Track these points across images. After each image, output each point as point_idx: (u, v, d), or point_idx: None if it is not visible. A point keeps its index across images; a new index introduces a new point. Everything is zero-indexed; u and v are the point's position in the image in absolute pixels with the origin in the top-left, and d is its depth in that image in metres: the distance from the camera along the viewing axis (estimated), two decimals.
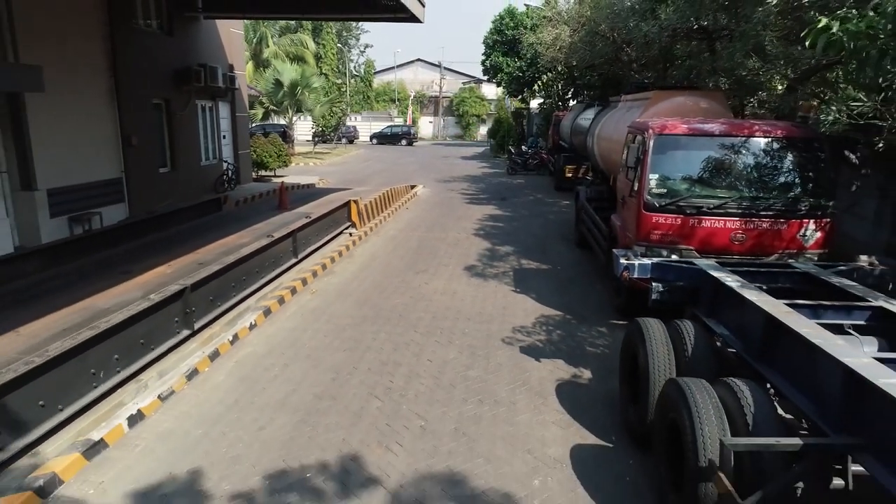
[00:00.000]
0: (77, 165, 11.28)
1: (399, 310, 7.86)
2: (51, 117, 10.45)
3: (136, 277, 8.32)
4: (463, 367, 6.11)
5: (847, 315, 4.11)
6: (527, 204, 17.50)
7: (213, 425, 4.97)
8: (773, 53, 7.22)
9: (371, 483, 4.21)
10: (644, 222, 6.61)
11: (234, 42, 17.85)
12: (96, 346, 5.26)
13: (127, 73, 12.53)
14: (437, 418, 5.09)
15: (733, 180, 6.58)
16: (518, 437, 4.81)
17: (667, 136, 6.68)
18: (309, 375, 5.90)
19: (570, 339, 6.96)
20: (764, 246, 6.39)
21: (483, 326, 7.29)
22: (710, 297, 4.91)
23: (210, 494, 4.08)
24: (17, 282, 8.00)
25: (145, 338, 5.96)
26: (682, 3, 9.34)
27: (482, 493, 4.11)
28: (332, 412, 5.18)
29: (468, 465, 4.42)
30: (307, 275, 9.21)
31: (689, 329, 4.51)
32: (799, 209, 6.39)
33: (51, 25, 10.47)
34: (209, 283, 7.17)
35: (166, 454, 4.54)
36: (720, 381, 3.70)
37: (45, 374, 4.70)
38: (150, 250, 10.12)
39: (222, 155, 17.31)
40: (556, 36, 17.90)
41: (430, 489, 4.14)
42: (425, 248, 11.41)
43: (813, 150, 6.50)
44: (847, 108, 5.67)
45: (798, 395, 3.45)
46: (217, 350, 6.37)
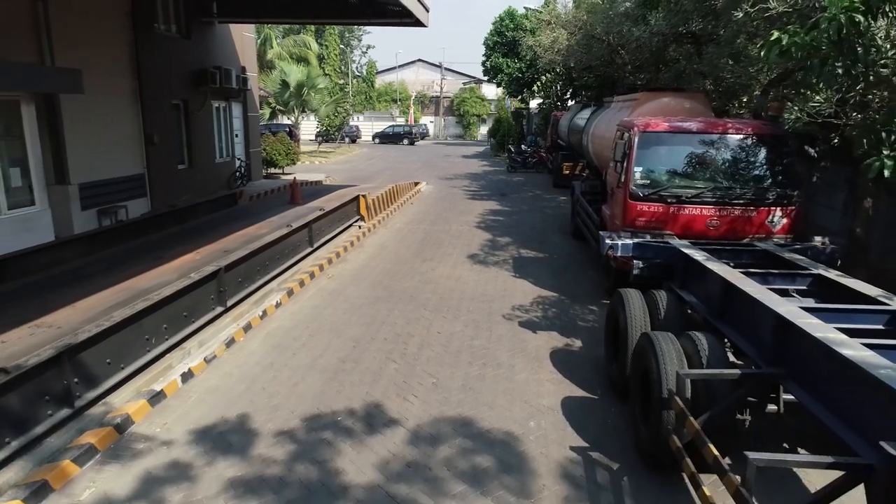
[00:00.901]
0: (104, 162, 12.05)
1: (409, 291, 8.64)
2: (81, 117, 11.23)
3: (168, 263, 9.10)
4: (468, 338, 6.90)
5: (792, 281, 4.90)
6: (526, 200, 18.29)
7: (253, 382, 5.75)
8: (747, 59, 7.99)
9: (393, 424, 5.00)
10: (630, 210, 7.39)
11: (246, 45, 18.64)
12: (149, 316, 6.04)
13: (149, 75, 13.32)
14: (446, 377, 5.88)
15: (709, 172, 7.36)
16: (516, 391, 5.60)
17: (650, 132, 7.47)
18: (332, 344, 6.69)
19: (564, 315, 7.75)
20: (736, 231, 7.17)
21: (485, 305, 8.07)
22: (682, 271, 5.70)
23: (258, 432, 4.86)
24: (62, 266, 8.79)
25: (187, 311, 6.74)
26: (669, 11, 10.12)
27: (487, 432, 4.89)
28: (356, 372, 5.97)
29: (475, 412, 5.20)
30: (322, 262, 10.00)
31: (662, 297, 5.30)
32: (767, 198, 7.17)
33: (82, 31, 11.25)
34: (238, 266, 7.96)
35: (216, 403, 5.33)
36: (684, 334, 4.48)
37: (111, 337, 5.48)
38: (176, 240, 10.90)
39: (235, 153, 18.10)
40: (554, 39, 18.67)
41: (443, 428, 4.93)
42: (430, 239, 12.20)
43: (779, 146, 7.29)
44: (807, 109, 6.46)
45: (743, 342, 4.24)
46: (249, 323, 7.16)
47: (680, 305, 5.31)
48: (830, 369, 3.22)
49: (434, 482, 4.22)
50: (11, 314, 6.71)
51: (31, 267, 8.40)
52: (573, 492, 4.15)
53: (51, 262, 8.70)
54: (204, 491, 4.11)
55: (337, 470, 4.35)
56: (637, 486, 4.22)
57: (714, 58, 8.67)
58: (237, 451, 4.58)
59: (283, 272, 9.28)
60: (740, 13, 6.90)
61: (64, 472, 4.21)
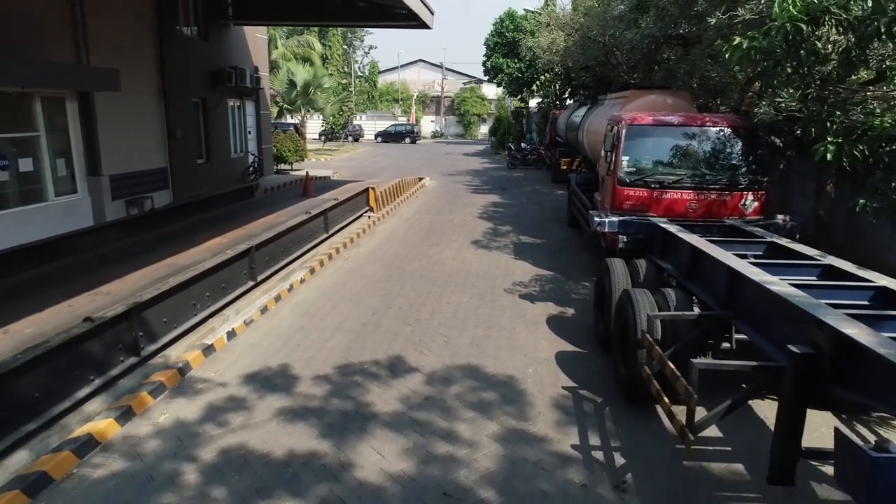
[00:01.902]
0: (132, 156, 12.91)
1: (419, 271, 9.52)
2: (112, 113, 12.08)
3: (199, 245, 9.98)
4: (474, 307, 7.78)
5: (750, 248, 5.77)
6: (525, 193, 19.17)
7: (288, 340, 6.63)
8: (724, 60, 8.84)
9: (411, 371, 5.87)
10: (618, 194, 8.26)
11: (258, 46, 19.52)
12: (196, 284, 6.92)
13: (172, 74, 14.19)
14: (456, 336, 6.76)
15: (689, 161, 8.23)
16: (517, 347, 6.48)
17: (636, 125, 8.34)
18: (354, 312, 7.56)
19: (559, 290, 8.63)
20: (713, 213, 8.03)
21: (489, 281, 8.95)
22: (660, 244, 6.57)
23: (298, 377, 5.73)
24: (105, 247, 9.69)
25: (225, 283, 7.62)
26: (657, 16, 10.99)
27: (492, 376, 5.77)
28: (377, 333, 6.85)
29: (481, 361, 6.08)
30: (338, 246, 10.87)
31: (642, 264, 6.18)
32: (740, 183, 8.04)
33: (113, 34, 12.12)
34: (266, 247, 8.83)
35: (259, 356, 6.20)
36: (658, 291, 5.36)
37: (166, 300, 6.36)
38: (202, 227, 11.78)
39: (248, 148, 18.98)
40: (553, 40, 19.51)
41: (454, 374, 5.81)
42: (436, 228, 13.07)
43: (751, 137, 8.16)
44: (773, 104, 7.33)
45: (705, 294, 5.11)
46: (279, 295, 8.04)
47: (657, 271, 6.18)
48: (762, 303, 4.09)
49: (448, 410, 5.10)
50: (73, 284, 7.60)
51: (79, 247, 9.29)
52: (564, 417, 5.02)
53: (95, 244, 9.60)
54: (258, 416, 4.98)
55: (367, 402, 5.23)
56: (616, 414, 5.10)
57: (696, 59, 9.54)
58: (282, 390, 5.46)
59: (303, 254, 10.16)
60: (713, 19, 7.78)
61: (142, 401, 5.09)
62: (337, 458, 4.39)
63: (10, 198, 9.42)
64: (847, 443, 2.22)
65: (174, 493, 3.98)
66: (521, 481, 4.14)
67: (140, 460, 4.36)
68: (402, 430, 4.77)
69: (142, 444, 4.57)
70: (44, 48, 10.17)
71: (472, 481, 4.12)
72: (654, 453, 4.51)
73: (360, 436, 4.69)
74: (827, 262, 4.85)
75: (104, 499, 3.93)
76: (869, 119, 6.06)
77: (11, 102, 9.37)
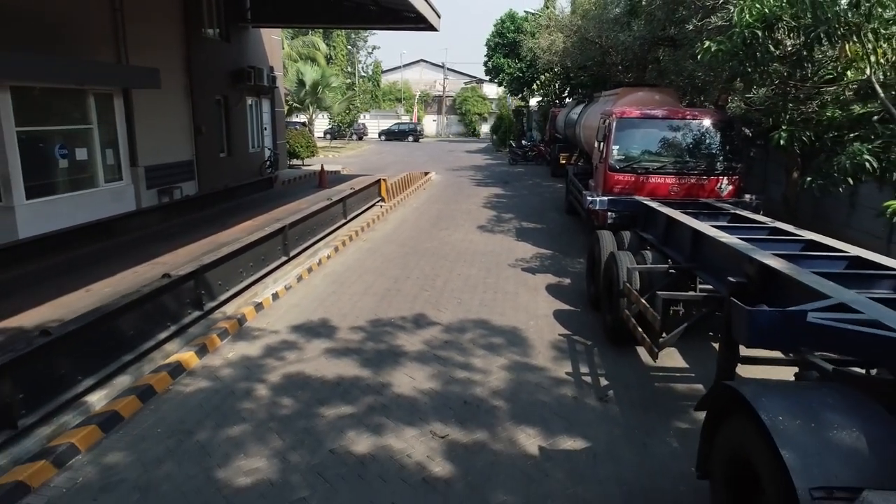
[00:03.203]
0: (163, 148, 14.01)
1: (431, 249, 10.61)
2: (147, 109, 13.17)
3: (233, 227, 11.08)
4: (482, 277, 8.87)
5: (716, 219, 6.83)
6: (526, 186, 20.27)
7: (323, 301, 7.72)
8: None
9: (431, 323, 6.96)
10: (608, 180, 9.34)
11: (274, 47, 20.62)
12: (242, 255, 8.01)
13: (197, 73, 15.29)
14: (467, 299, 7.85)
15: (671, 149, 9.31)
16: (520, 306, 7.57)
17: (625, 118, 9.42)
18: (377, 281, 8.65)
19: (557, 264, 9.72)
20: (692, 195, 9.08)
21: (494, 258, 10.04)
22: (642, 218, 7.64)
23: (337, 327, 6.82)
24: (149, 228, 10.82)
25: (264, 256, 8.71)
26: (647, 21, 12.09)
27: (499, 327, 6.86)
28: (399, 296, 7.93)
29: (489, 316, 7.17)
30: (356, 230, 11.96)
31: (627, 235, 7.27)
32: (716, 169, 9.12)
33: (148, 36, 13.22)
34: (295, 227, 9.91)
35: (301, 312, 7.29)
36: (638, 253, 6.45)
37: (220, 266, 7.44)
38: (230, 213, 12.87)
39: (265, 144, 20.07)
40: (552, 42, 20.61)
41: (467, 325, 6.89)
42: (444, 215, 14.17)
43: (726, 129, 9.24)
44: (743, 99, 8.42)
45: (675, 253, 6.20)
46: (311, 267, 9.13)
47: (640, 240, 7.26)
48: (715, 253, 5.17)
49: (464, 350, 6.19)
50: (132, 257, 8.70)
51: (128, 227, 10.41)
52: (559, 354, 6.11)
53: (141, 225, 10.73)
54: (308, 354, 6.07)
55: (397, 344, 6.32)
56: (602, 352, 6.19)
57: (680, 59, 10.62)
58: (325, 336, 6.55)
59: (326, 236, 11.25)
60: (690, 25, 8.87)
61: (213, 341, 6.18)
62: (377, 380, 5.49)
63: (69, 183, 10.54)
64: (736, 306, 3.29)
65: (252, 402, 5.07)
66: (525, 395, 5.23)
67: (220, 381, 5.45)
68: (428, 363, 5.86)
69: (218, 371, 5.66)
70: (91, 50, 11.27)
71: (486, 395, 5.21)
72: (632, 378, 5.61)
73: (393, 366, 5.78)
74: (772, 225, 5.94)
75: (198, 405, 5.02)
76: (822, 111, 7.15)
77: (70, 98, 10.48)
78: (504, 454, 4.33)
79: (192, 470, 4.11)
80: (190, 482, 3.97)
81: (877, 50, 5.82)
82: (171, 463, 4.19)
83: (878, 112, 6.38)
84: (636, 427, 4.74)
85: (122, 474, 4.06)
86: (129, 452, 4.32)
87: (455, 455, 4.30)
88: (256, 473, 4.07)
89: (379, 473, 4.08)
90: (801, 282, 3.78)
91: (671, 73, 13.16)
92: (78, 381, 4.98)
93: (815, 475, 2.47)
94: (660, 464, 4.26)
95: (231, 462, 4.19)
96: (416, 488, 3.93)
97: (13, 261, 8.16)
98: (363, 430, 4.61)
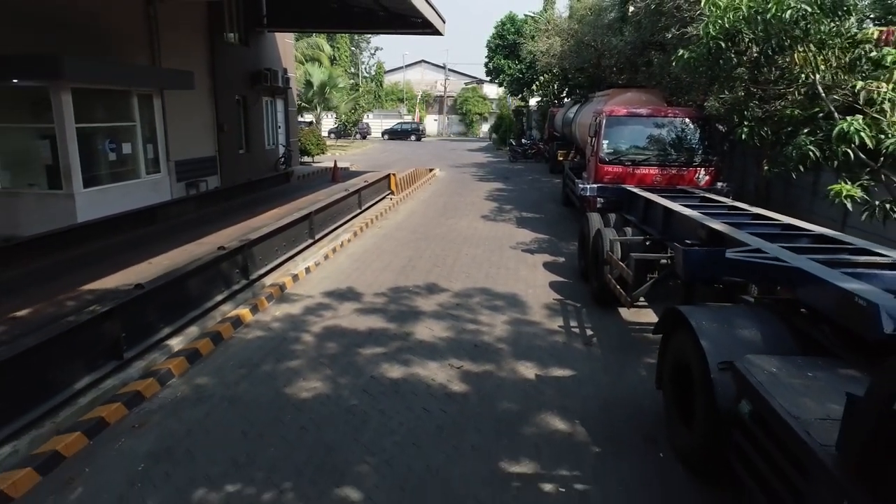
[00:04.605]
0: (190, 145, 15.14)
1: (440, 234, 11.78)
2: (177, 109, 14.31)
3: (262, 214, 12.24)
4: (486, 256, 10.04)
5: (687, 201, 7.99)
6: (526, 181, 21.44)
7: (349, 274, 8.89)
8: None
9: (444, 290, 8.12)
10: (599, 171, 10.49)
11: (287, 50, 21.78)
12: (276, 235, 9.16)
13: (220, 75, 16.44)
14: (474, 273, 9.01)
15: (655, 143, 10.46)
16: (520, 278, 8.73)
17: (614, 115, 10.58)
18: (394, 260, 9.81)
19: (554, 247, 10.88)
20: (673, 184, 10.24)
21: (497, 242, 11.21)
22: (627, 202, 8.81)
23: (362, 293, 7.98)
24: (186, 215, 11.99)
25: (295, 237, 9.87)
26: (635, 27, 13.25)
27: (502, 294, 8.01)
28: (414, 271, 9.09)
29: (493, 286, 8.33)
30: (370, 219, 13.11)
31: (612, 217, 8.42)
32: (694, 161, 10.28)
33: (178, 41, 14.37)
34: (319, 213, 11.08)
35: (331, 282, 8.45)
36: (621, 230, 7.61)
37: (261, 243, 8.59)
38: (255, 203, 14.03)
39: (279, 141, 21.23)
40: (550, 45, 21.76)
41: (474, 292, 8.05)
42: (450, 206, 15.33)
43: (704, 125, 10.40)
44: (717, 100, 9.56)
45: (651, 229, 7.36)
46: (334, 248, 10.30)
47: (623, 220, 8.42)
48: (680, 224, 6.33)
49: (472, 310, 7.35)
50: (178, 238, 9.88)
51: (169, 214, 11.59)
52: (552, 313, 7.28)
53: (179, 213, 11.91)
54: (342, 312, 7.23)
55: (416, 306, 7.48)
56: (589, 312, 7.35)
57: (666, 63, 11.76)
58: (353, 299, 7.71)
59: (345, 223, 12.41)
60: (669, 34, 10.02)
61: (262, 303, 7.35)
62: (401, 330, 6.65)
63: (117, 174, 11.71)
64: (675, 248, 4.44)
65: (301, 345, 6.23)
66: (524, 341, 6.39)
67: (272, 331, 6.61)
68: (442, 318, 7.03)
69: (270, 325, 6.82)
70: (131, 55, 12.43)
71: (492, 341, 6.38)
72: (612, 329, 6.78)
73: (414, 321, 6.94)
74: (731, 204, 7.11)
75: (259, 348, 6.18)
76: (783, 110, 8.30)
77: (117, 99, 11.64)
78: (507, 379, 5.50)
79: (264, 389, 5.27)
80: (264, 396, 5.14)
81: (816, 58, 6.96)
82: (247, 384, 5.35)
83: (824, 110, 7.54)
84: (613, 362, 5.91)
85: (210, 391, 5.23)
86: (212, 377, 5.48)
87: (469, 379, 5.47)
88: (314, 390, 5.23)
89: (411, 390, 5.25)
90: (736, 238, 4.95)
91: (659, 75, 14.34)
92: (161, 328, 6.15)
93: (721, 354, 3.64)
94: (629, 385, 5.42)
95: (293, 383, 5.35)
96: (440, 399, 5.10)
97: (81, 239, 9.38)
98: (395, 363, 5.78)
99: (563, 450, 4.36)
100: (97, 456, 4.23)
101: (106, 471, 4.06)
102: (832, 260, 4.08)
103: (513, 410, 4.93)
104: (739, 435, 3.22)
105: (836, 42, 6.99)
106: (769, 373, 3.16)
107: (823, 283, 3.58)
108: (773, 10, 6.49)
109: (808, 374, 3.14)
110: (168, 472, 4.05)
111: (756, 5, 6.75)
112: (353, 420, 4.74)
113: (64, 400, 4.79)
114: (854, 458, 2.27)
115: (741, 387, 3.24)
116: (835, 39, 6.97)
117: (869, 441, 2.18)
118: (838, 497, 2.31)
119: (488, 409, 4.95)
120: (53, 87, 9.78)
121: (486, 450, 4.34)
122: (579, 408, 4.99)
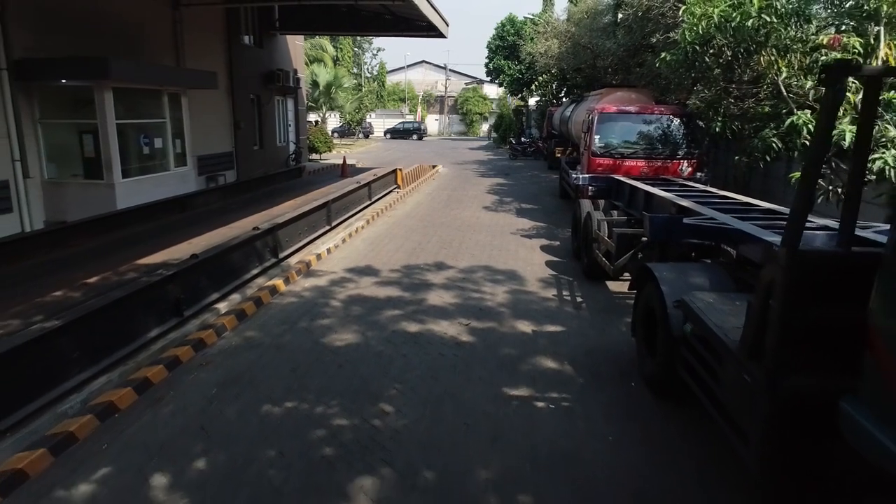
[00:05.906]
0: (209, 141, 16.15)
1: (446, 222, 12.79)
2: (198, 106, 15.29)
3: (281, 204, 13.25)
4: (489, 240, 11.05)
5: (668, 188, 9.00)
6: (525, 177, 22.46)
7: (366, 255, 9.90)
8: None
9: (450, 267, 9.13)
10: (591, 163, 11.51)
11: (297, 51, 22.79)
12: (299, 220, 10.17)
13: (237, 75, 17.45)
14: (477, 254, 10.02)
15: (642, 138, 11.47)
16: (520, 258, 9.75)
17: (605, 113, 11.59)
18: (405, 243, 10.82)
19: (550, 233, 11.90)
20: (659, 175, 11.26)
21: (498, 229, 12.22)
22: (615, 190, 9.82)
23: (379, 270, 8.99)
24: (212, 205, 13.01)
25: (315, 223, 10.89)
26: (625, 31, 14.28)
27: (502, 270, 9.02)
28: (424, 252, 10.10)
29: (494, 264, 9.34)
30: (380, 209, 14.12)
31: (601, 202, 9.44)
32: (678, 154, 11.29)
33: (199, 43, 15.38)
34: (336, 202, 12.10)
35: (350, 261, 9.46)
36: (609, 213, 8.63)
37: (287, 227, 9.60)
38: (272, 195, 15.04)
39: (289, 138, 22.25)
40: (549, 47, 22.78)
41: (477, 269, 9.06)
42: (454, 199, 16.34)
43: (687, 121, 11.41)
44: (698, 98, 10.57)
45: (635, 210, 8.37)
46: (350, 234, 11.31)
47: (611, 205, 9.43)
48: (657, 205, 7.34)
49: (476, 282, 8.36)
50: (209, 223, 10.88)
51: (196, 203, 12.62)
52: (547, 285, 8.29)
53: (205, 202, 12.94)
54: (362, 284, 8.24)
55: (426, 279, 8.49)
56: (580, 284, 8.37)
57: (651, 65, 12.78)
58: (372, 275, 8.72)
59: (357, 212, 13.42)
60: (654, 38, 11.03)
61: (292, 276, 8.36)
62: (415, 297, 7.66)
63: (150, 167, 12.74)
64: (644, 214, 5.45)
65: (330, 308, 7.24)
66: (522, 305, 7.40)
67: (304, 298, 7.62)
68: (450, 289, 8.04)
69: (301, 293, 7.83)
70: (160, 57, 13.44)
71: (494, 305, 7.39)
72: (600, 297, 7.79)
73: (425, 292, 7.95)
74: (704, 189, 8.12)
75: (295, 310, 7.19)
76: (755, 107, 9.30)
77: (150, 97, 12.66)
78: (508, 333, 6.51)
79: (303, 339, 6.28)
80: (305, 344, 6.14)
81: (779, 62, 7.96)
82: (289, 336, 6.37)
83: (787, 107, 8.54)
84: (599, 321, 6.92)
85: (258, 341, 6.24)
86: (259, 331, 6.49)
87: (475, 333, 6.48)
88: (347, 340, 6.24)
89: (427, 341, 6.26)
90: (697, 210, 5.97)
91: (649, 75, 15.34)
92: (210, 294, 7.16)
93: (675, 295, 4.65)
94: (611, 338, 6.43)
95: (328, 336, 6.36)
96: (452, 347, 6.11)
97: (123, 224, 10.42)
98: (412, 321, 6.79)
99: (554, 381, 5.38)
100: (178, 382, 5.25)
101: (187, 393, 5.07)
102: (768, 224, 5.08)
103: (512, 354, 5.94)
104: (684, 349, 4.23)
105: (798, 47, 8.02)
106: (707, 303, 4.17)
107: (755, 239, 4.59)
108: (738, 20, 7.51)
109: (736, 303, 4.15)
110: (237, 394, 5.06)
111: (725, 15, 7.76)
112: (381, 361, 5.75)
113: (140, 345, 5.81)
114: (748, 342, 3.27)
115: (686, 314, 4.25)
116: (797, 45, 8.00)
117: (757, 328, 3.19)
118: (739, 371, 3.32)
119: (492, 353, 5.97)
120: (97, 86, 10.79)
121: (491, 380, 5.36)
122: (568, 353, 6.00)
